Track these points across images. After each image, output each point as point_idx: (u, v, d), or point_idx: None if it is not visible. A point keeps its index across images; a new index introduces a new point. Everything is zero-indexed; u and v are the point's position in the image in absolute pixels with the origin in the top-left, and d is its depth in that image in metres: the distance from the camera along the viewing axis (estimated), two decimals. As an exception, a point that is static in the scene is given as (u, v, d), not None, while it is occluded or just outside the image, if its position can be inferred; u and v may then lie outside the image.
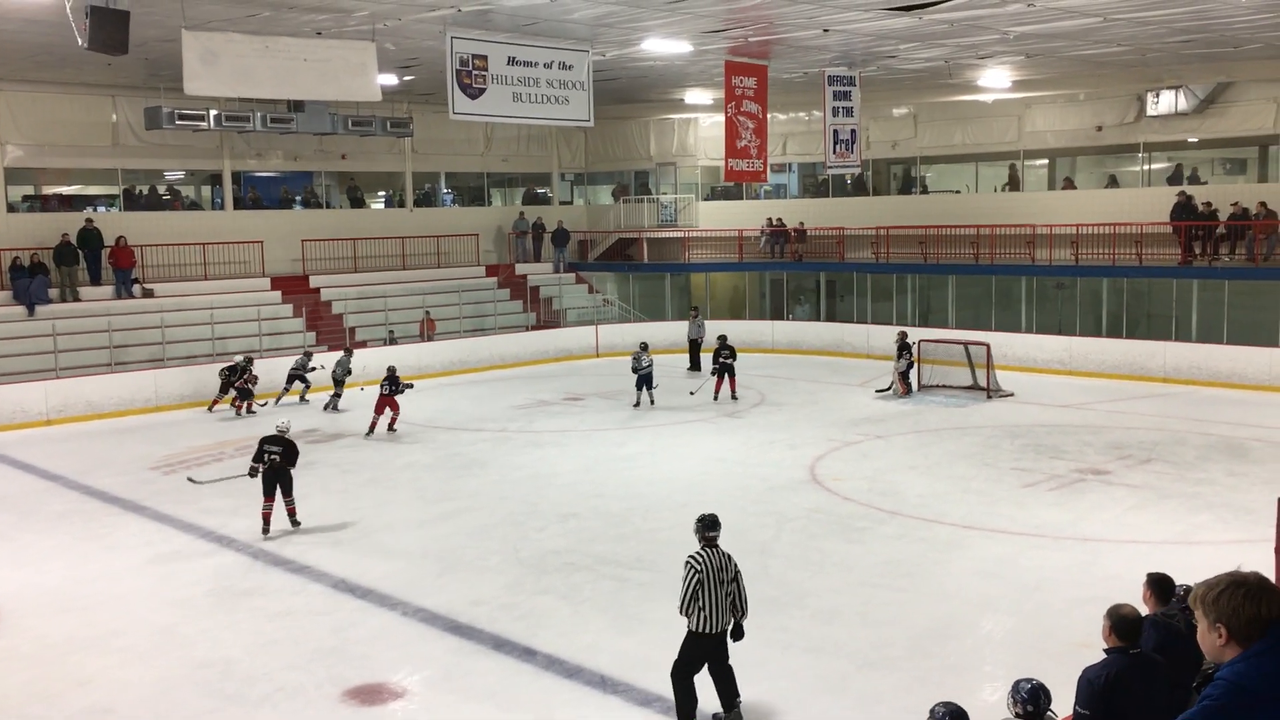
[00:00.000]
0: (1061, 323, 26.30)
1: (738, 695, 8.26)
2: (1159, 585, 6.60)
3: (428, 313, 27.69)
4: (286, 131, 22.93)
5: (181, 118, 21.48)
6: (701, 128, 32.44)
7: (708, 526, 8.25)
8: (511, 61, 17.64)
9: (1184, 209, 24.33)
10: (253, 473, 13.47)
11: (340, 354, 22.69)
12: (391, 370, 19.82)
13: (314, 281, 28.02)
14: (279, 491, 13.41)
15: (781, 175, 33.86)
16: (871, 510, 14.00)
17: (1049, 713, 5.81)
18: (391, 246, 29.79)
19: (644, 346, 22.08)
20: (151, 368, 23.01)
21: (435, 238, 30.50)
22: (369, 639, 10.09)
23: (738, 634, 8.27)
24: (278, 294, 27.03)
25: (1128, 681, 5.44)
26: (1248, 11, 17.34)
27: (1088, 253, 25.65)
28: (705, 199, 33.60)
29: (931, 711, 5.80)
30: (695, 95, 29.04)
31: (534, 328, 29.57)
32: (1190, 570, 7.57)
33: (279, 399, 22.51)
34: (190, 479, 15.58)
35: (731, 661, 8.30)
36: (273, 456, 13.32)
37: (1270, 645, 2.49)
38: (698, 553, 8.13)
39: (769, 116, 23.39)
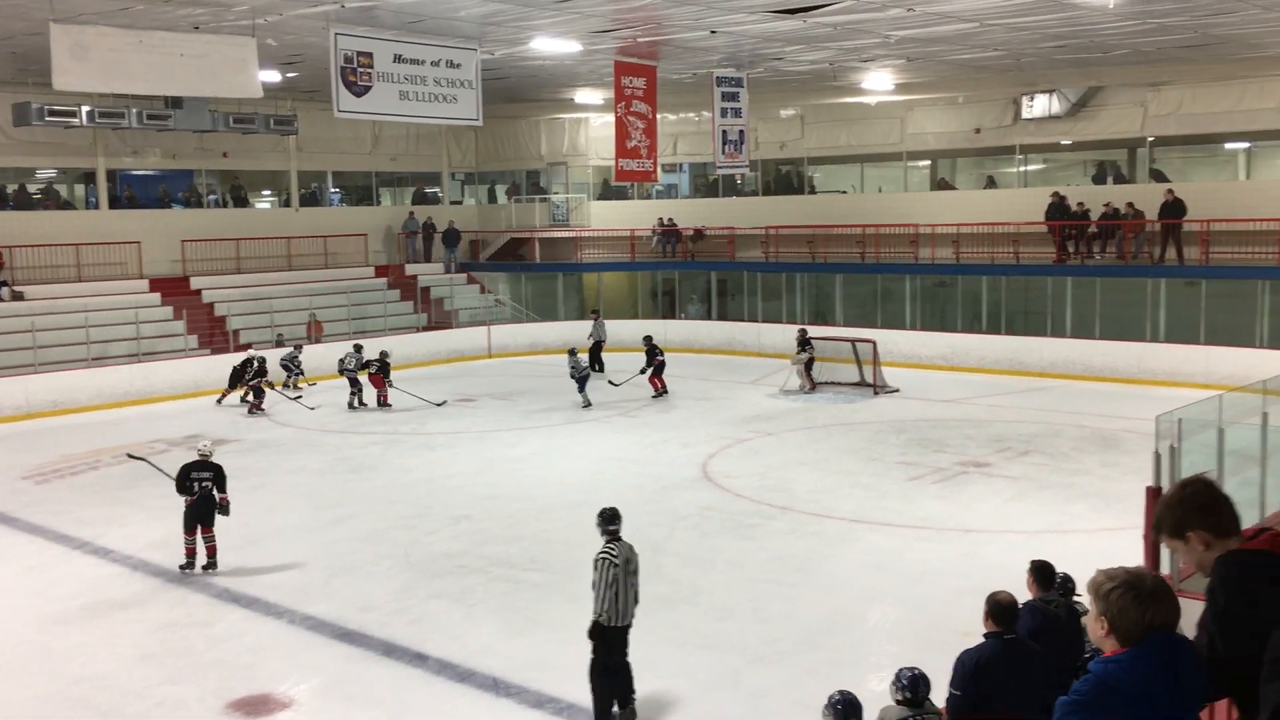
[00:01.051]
0: (944, 320, 27.00)
1: (633, 692, 8.29)
2: (1040, 572, 6.83)
3: (314, 315, 27.13)
4: (164, 129, 22.30)
5: (52, 114, 20.71)
6: (592, 127, 32.46)
7: (609, 520, 8.23)
8: (398, 59, 17.40)
9: (1058, 209, 25.19)
10: (186, 503, 11.84)
11: (350, 348, 22.67)
12: (384, 354, 21.87)
13: (195, 283, 27.24)
14: (200, 526, 11.83)
15: (673, 175, 34.10)
16: (763, 507, 14.17)
17: (929, 700, 5.99)
18: (277, 247, 29.13)
19: (572, 351, 22.35)
20: (22, 373, 22.08)
21: (322, 238, 29.92)
22: (254, 649, 9.86)
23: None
24: (157, 296, 26.19)
25: (997, 665, 5.64)
26: (1115, 19, 18.03)
27: (968, 252, 26.40)
28: (597, 199, 33.64)
29: (829, 699, 5.91)
30: (586, 95, 29.05)
31: (425, 329, 29.21)
32: (1065, 558, 7.85)
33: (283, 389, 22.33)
34: (129, 455, 14.21)
35: (628, 659, 8.32)
36: (204, 485, 11.83)
37: (1145, 652, 2.56)
38: (608, 546, 8.10)
39: (659, 117, 23.51)
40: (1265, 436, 11.07)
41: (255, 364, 21.75)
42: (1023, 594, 6.78)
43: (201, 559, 11.93)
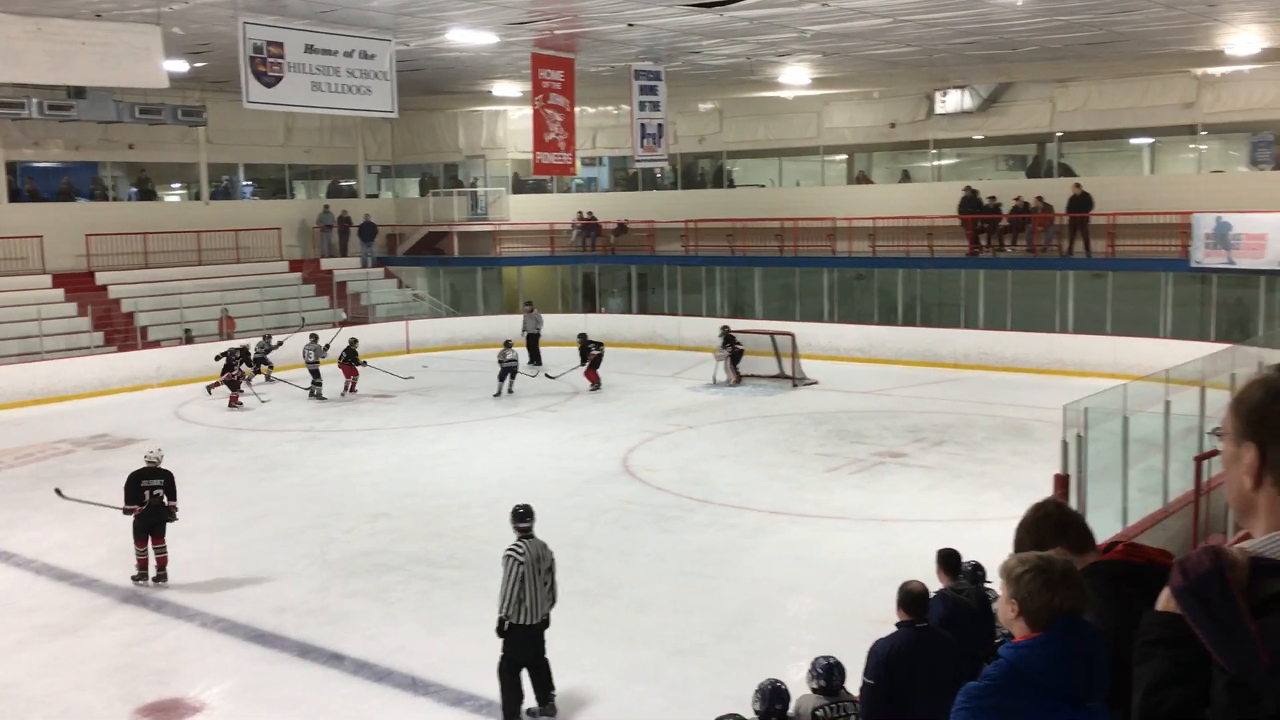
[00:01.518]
0: (861, 312, 27.35)
1: (553, 689, 8.25)
2: (947, 561, 6.94)
3: (225, 310, 26.54)
4: (67, 119, 21.51)
5: (-55, 103, 19.89)
6: (510, 120, 32.22)
7: (520, 517, 8.20)
8: (309, 49, 17.07)
9: (970, 203, 25.66)
10: (127, 512, 11.21)
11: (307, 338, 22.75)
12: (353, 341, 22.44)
13: (101, 279, 26.45)
14: (150, 536, 11.20)
15: (592, 169, 34.00)
16: (683, 499, 14.22)
17: (843, 689, 6.05)
18: (187, 241, 28.42)
19: (508, 344, 22.49)
20: (-83, 373, 21.28)
21: (234, 231, 29.25)
22: (164, 653, 9.62)
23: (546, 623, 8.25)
24: (60, 292, 25.38)
25: (910, 653, 5.72)
26: (1023, 15, 18.40)
27: (884, 245, 26.77)
28: (516, 192, 33.42)
29: (759, 687, 5.94)
30: (503, 87, 28.82)
31: (341, 324, 28.72)
32: (978, 546, 7.99)
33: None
34: (57, 491, 13.01)
35: (548, 654, 8.28)
36: (155, 493, 11.19)
37: (1054, 636, 2.60)
38: (516, 544, 8.05)
39: (578, 110, 23.43)
40: (1168, 424, 11.40)
41: (237, 353, 21.75)
42: (934, 583, 6.88)
43: (152, 570, 11.25)
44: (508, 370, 22.04)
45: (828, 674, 6.04)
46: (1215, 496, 9.90)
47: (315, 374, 21.96)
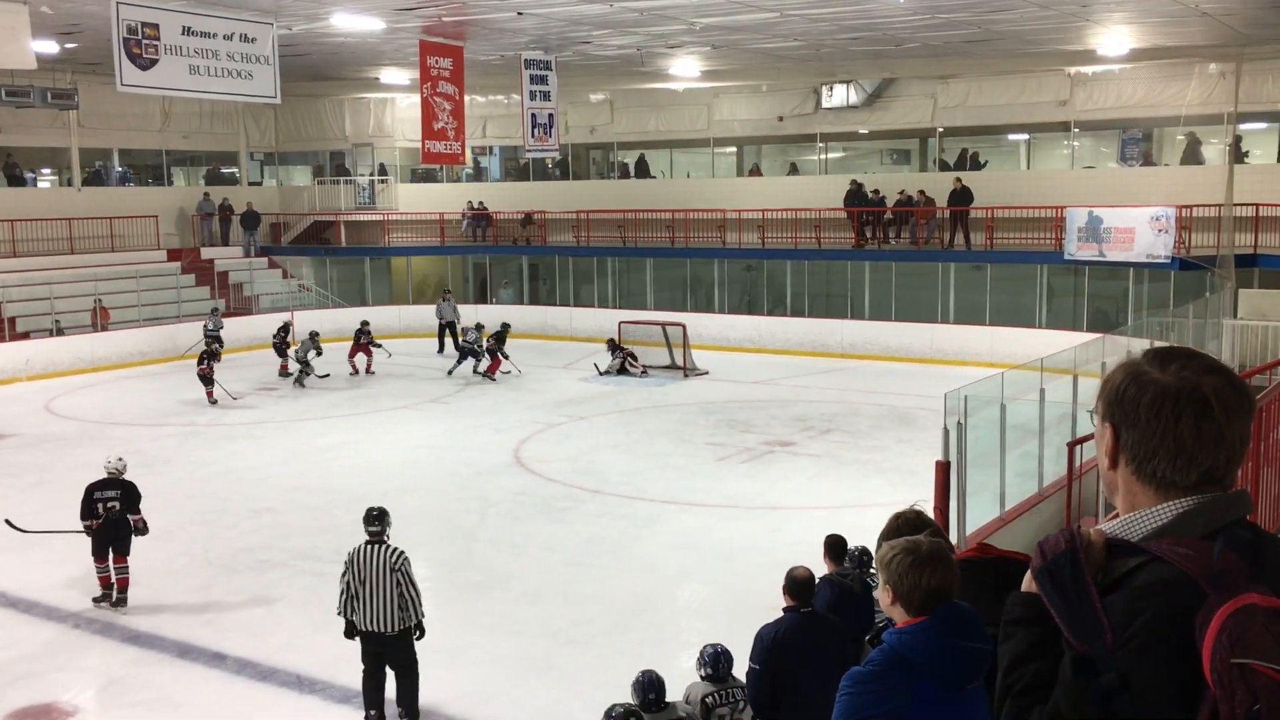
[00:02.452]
0: (751, 303, 27.68)
1: (415, 702, 7.88)
2: (832, 547, 7.07)
3: (98, 301, 25.58)
4: (-75, 100, 20.53)
5: None
6: (399, 108, 31.72)
7: (368, 521, 7.92)
8: (187, 31, 16.51)
9: (856, 196, 26.15)
10: (88, 531, 10.28)
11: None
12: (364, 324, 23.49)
13: (-35, 268, 25.29)
14: (111, 552, 10.29)
15: (483, 158, 33.69)
16: (575, 490, 14.21)
17: (732, 675, 6.13)
18: (58, 229, 27.29)
19: (479, 327, 23.36)
20: None
21: (108, 219, 28.20)
22: (34, 656, 9.25)
23: (419, 633, 7.88)
24: (-79, 282, 24.21)
25: (795, 638, 5.82)
26: (905, 13, 18.82)
27: (773, 236, 27.11)
28: (405, 181, 32.92)
29: (634, 680, 5.98)
30: (391, 75, 28.33)
31: (223, 315, 27.96)
32: (864, 532, 8.12)
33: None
34: (8, 522, 11.70)
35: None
36: (109, 505, 10.24)
37: (935, 622, 2.66)
38: (355, 547, 7.85)
39: (467, 99, 23.17)
40: (1043, 411, 11.80)
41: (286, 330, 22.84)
42: (823, 568, 7.01)
43: (114, 592, 10.27)
44: (470, 352, 22.57)
45: (714, 662, 6.12)
46: (1087, 480, 10.28)
47: (304, 366, 22.15)
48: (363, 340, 23.44)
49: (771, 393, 20.94)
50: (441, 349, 25.51)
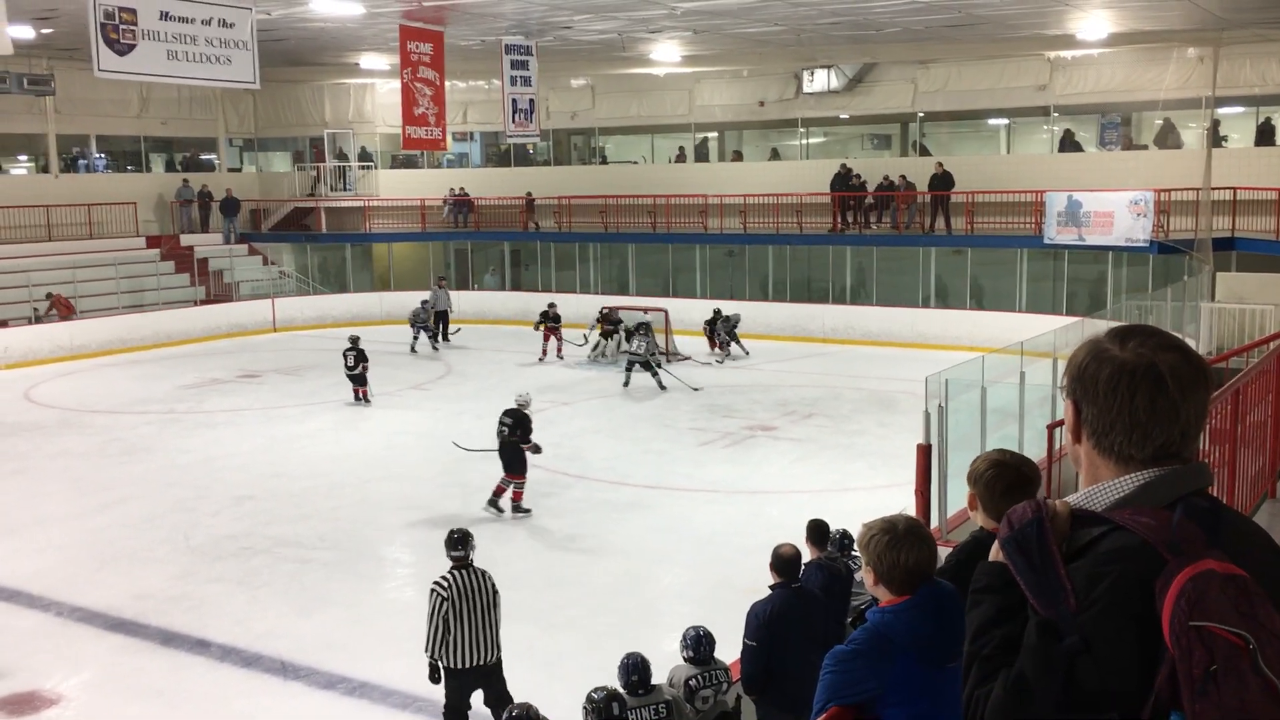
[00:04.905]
0: (733, 288, 27.70)
1: None
2: (814, 531, 7.11)
3: (49, 294, 24.70)
4: (-101, 86, 20.32)
5: None
6: (379, 94, 31.56)
7: (452, 544, 7.22)
8: (164, 16, 16.37)
9: (843, 180, 26.17)
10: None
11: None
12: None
13: (-59, 255, 25.08)
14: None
15: (464, 144, 33.57)
16: (558, 475, 14.22)
17: (714, 658, 6.18)
18: (35, 216, 27.06)
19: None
20: None
21: (86, 206, 27.99)
22: (16, 644, 9.22)
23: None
24: (-104, 269, 23.99)
25: (787, 613, 5.87)
26: (887, -2, 18.83)
27: (755, 222, 27.13)
28: (386, 167, 32.78)
29: (620, 663, 6.01)
30: (371, 60, 28.18)
31: (203, 302, 27.87)
32: (845, 514, 8.21)
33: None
34: (455, 443, 13.51)
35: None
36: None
37: (917, 602, 2.71)
38: (443, 575, 7.15)
39: (448, 84, 23.07)
40: (1023, 394, 11.88)
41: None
42: (802, 549, 7.05)
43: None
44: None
45: (697, 644, 6.16)
46: (1067, 462, 10.33)
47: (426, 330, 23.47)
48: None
49: (753, 377, 20.99)
50: (435, 338, 25.29)
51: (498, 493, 12.58)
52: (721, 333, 23.29)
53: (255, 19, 18.11)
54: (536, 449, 12.59)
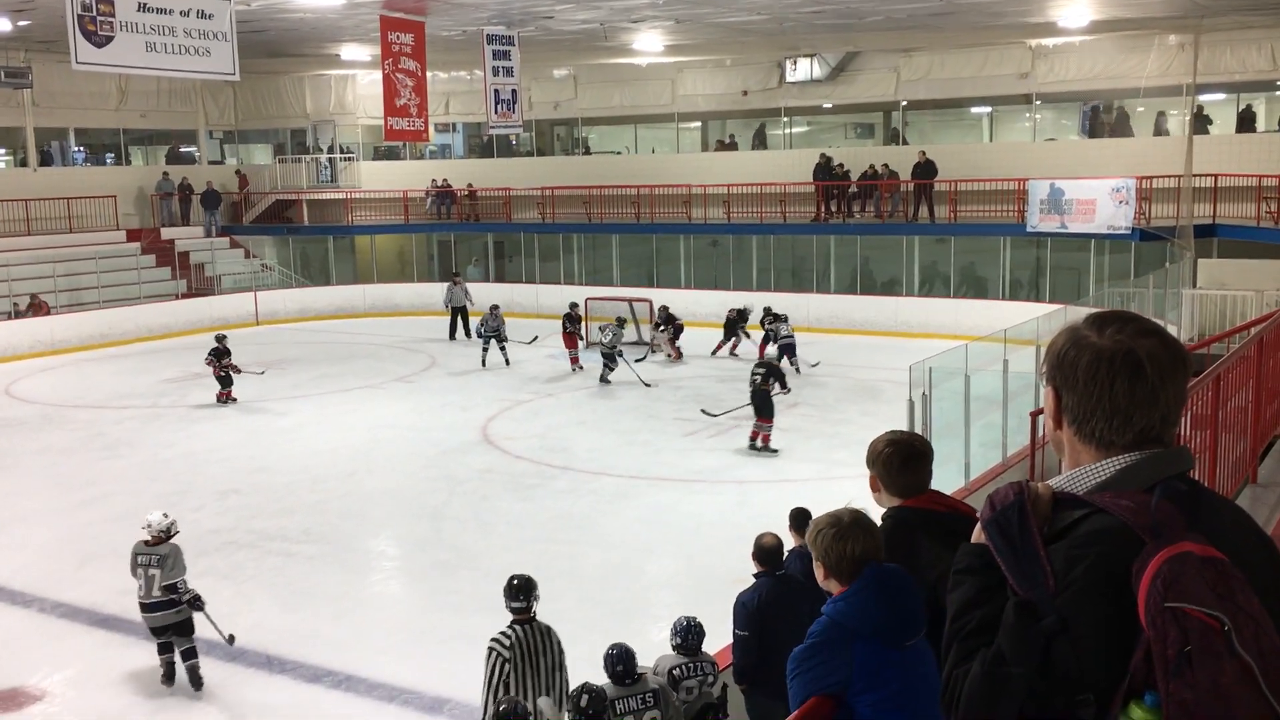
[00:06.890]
0: (717, 278, 27.69)
1: None
2: (797, 519, 7.12)
3: (32, 296, 24.53)
4: (-126, 80, 20.12)
5: None
6: (360, 85, 31.41)
7: (512, 594, 6.42)
8: (143, 8, 16.23)
9: (824, 170, 26.18)
10: None
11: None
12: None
13: (-81, 250, 24.85)
14: None
15: (446, 135, 33.44)
16: (543, 467, 14.22)
17: (702, 650, 6.19)
18: (13, 210, 26.86)
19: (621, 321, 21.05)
20: None
21: (65, 200, 27.78)
22: (1, 641, 9.16)
23: None
24: (-127, 265, 23.77)
25: (776, 599, 5.89)
26: (869, -13, 18.82)
27: (739, 211, 27.12)
28: (368, 159, 32.64)
29: (605, 654, 6.01)
30: (352, 51, 28.03)
31: (184, 296, 27.70)
32: (829, 503, 8.19)
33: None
34: (704, 411, 14.46)
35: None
36: None
37: (863, 585, 2.74)
38: (503, 631, 6.36)
39: (430, 75, 22.95)
40: (1006, 382, 11.93)
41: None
42: (789, 540, 7.06)
43: None
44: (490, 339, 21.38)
45: (686, 633, 6.16)
46: (1050, 449, 10.41)
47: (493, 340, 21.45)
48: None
49: (738, 367, 20.96)
50: (453, 335, 25.13)
51: (753, 436, 14.55)
52: (769, 333, 20.88)
53: (234, 10, 17.97)
54: (787, 389, 14.94)
